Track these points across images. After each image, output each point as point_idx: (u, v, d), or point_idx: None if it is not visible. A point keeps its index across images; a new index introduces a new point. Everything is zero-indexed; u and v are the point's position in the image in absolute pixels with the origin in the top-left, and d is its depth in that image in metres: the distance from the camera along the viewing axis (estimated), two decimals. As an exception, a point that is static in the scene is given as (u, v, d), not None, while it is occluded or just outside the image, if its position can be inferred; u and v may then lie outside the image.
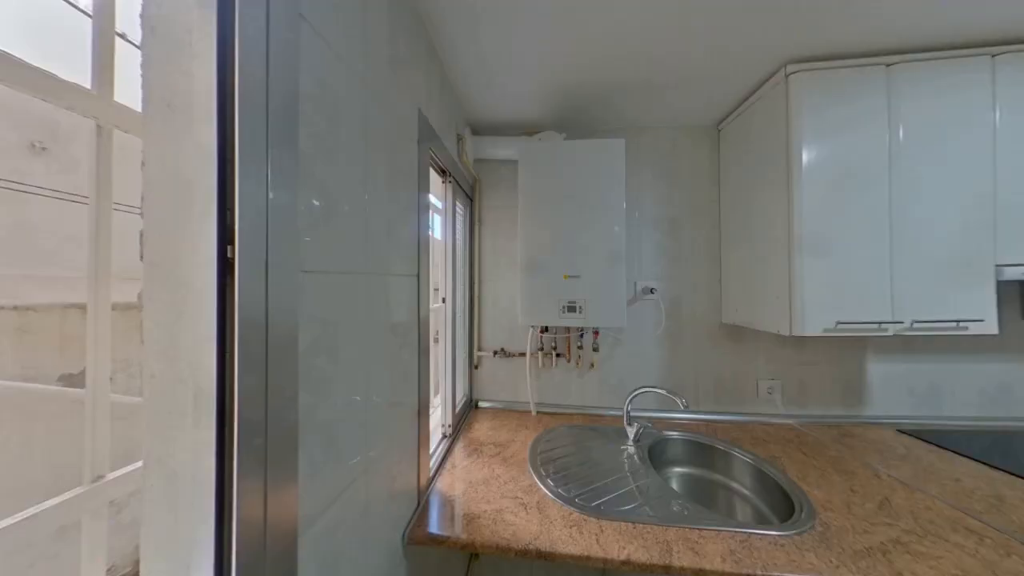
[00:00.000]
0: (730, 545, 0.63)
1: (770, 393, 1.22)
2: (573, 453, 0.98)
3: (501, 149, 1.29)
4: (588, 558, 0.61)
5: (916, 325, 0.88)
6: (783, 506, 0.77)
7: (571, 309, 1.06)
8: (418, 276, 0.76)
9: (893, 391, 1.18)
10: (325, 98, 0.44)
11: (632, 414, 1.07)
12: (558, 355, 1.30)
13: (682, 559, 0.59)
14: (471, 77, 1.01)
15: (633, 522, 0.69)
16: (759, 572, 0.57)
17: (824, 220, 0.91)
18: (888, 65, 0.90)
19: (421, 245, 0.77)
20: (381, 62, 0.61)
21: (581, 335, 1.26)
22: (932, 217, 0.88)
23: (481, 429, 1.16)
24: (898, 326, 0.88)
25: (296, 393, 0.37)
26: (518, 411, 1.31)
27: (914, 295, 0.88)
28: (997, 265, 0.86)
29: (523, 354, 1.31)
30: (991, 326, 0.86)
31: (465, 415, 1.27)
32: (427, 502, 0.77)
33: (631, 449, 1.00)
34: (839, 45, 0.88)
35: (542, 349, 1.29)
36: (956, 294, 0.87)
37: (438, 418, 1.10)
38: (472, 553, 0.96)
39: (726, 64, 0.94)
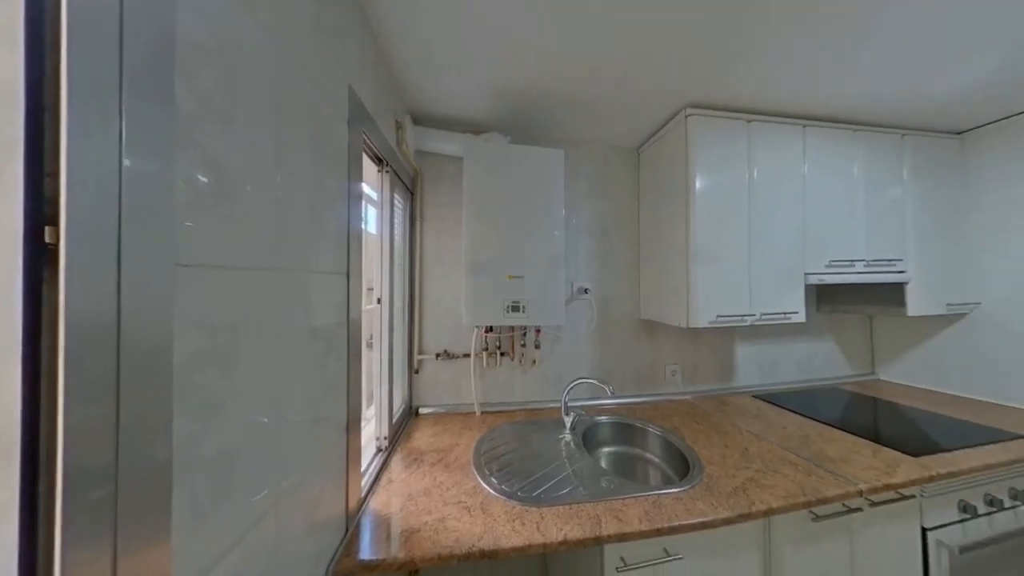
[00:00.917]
0: (645, 507, 0.73)
1: (673, 375, 1.47)
2: (516, 448, 1.01)
3: (446, 144, 1.25)
4: (529, 547, 0.63)
5: (763, 317, 1.18)
6: (682, 467, 0.95)
7: (515, 309, 1.09)
8: (348, 274, 0.68)
9: (750, 366, 1.57)
10: (219, 50, 0.36)
11: (569, 404, 1.16)
12: (502, 354, 1.33)
13: (609, 528, 0.67)
14: (411, 61, 0.95)
15: (569, 504, 0.74)
16: (665, 524, 0.68)
17: (710, 236, 1.15)
18: (748, 121, 1.19)
19: (352, 239, 0.69)
20: (301, 22, 0.52)
21: (524, 334, 1.31)
22: (772, 239, 1.20)
23: (422, 437, 1.10)
24: (752, 318, 1.17)
25: (169, 421, 0.29)
26: (463, 413, 1.29)
27: (761, 295, 1.18)
28: (805, 273, 1.23)
29: (468, 355, 1.29)
30: (802, 317, 1.22)
31: (404, 424, 1.18)
32: (358, 526, 0.69)
33: (568, 437, 1.09)
34: (719, 100, 1.13)
35: (487, 349, 1.29)
36: (784, 295, 1.21)
37: (372, 431, 1.00)
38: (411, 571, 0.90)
39: (642, 99, 1.12)
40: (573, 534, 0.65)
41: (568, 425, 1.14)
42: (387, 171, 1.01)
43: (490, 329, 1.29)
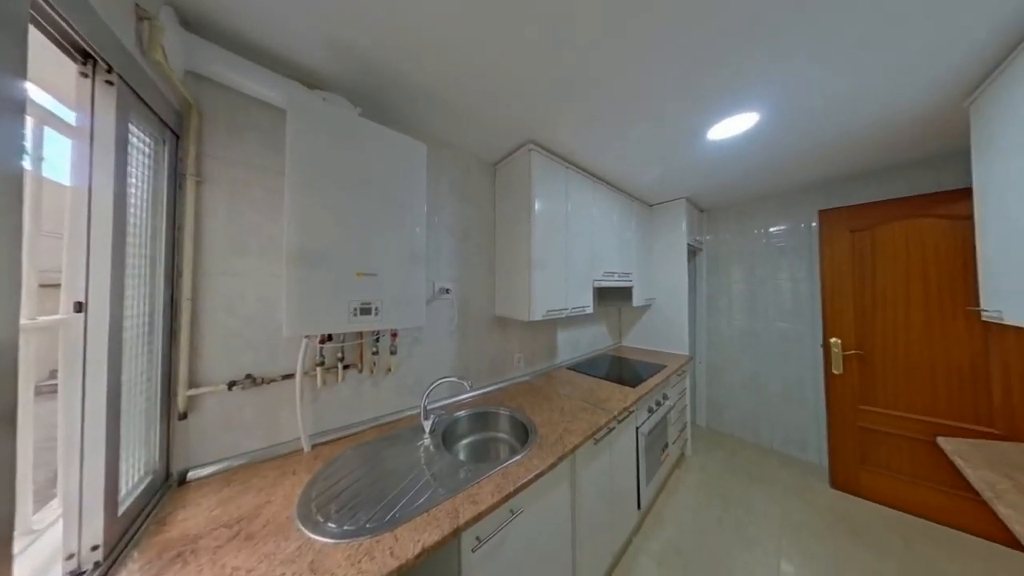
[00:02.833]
0: (497, 481, 0.84)
1: (518, 361, 1.77)
2: (364, 475, 0.86)
3: (255, 82, 0.88)
4: (381, 579, 0.56)
5: (573, 310, 1.66)
6: (524, 435, 1.15)
7: (365, 311, 0.93)
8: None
9: (565, 346, 2.15)
10: None
11: (429, 408, 1.13)
12: (346, 367, 1.10)
13: (465, 514, 0.71)
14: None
15: (428, 510, 0.72)
16: (511, 488, 0.81)
17: (544, 249, 1.47)
18: (566, 167, 1.63)
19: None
20: None
21: (377, 339, 1.15)
22: (578, 254, 1.70)
23: (197, 514, 0.72)
24: (567, 311, 1.62)
25: None
26: (279, 457, 0.95)
27: (572, 294, 1.65)
28: (593, 280, 1.83)
29: (290, 376, 0.97)
30: (591, 309, 1.81)
31: (153, 506, 0.72)
32: None
33: (427, 441, 1.06)
34: (551, 146, 1.48)
35: (322, 364, 1.03)
36: (582, 294, 1.75)
37: (49, 550, 0.54)
38: None
39: (492, 127, 1.28)
40: (431, 539, 0.64)
41: (428, 429, 1.10)
42: (110, 80, 0.59)
43: (329, 338, 1.04)
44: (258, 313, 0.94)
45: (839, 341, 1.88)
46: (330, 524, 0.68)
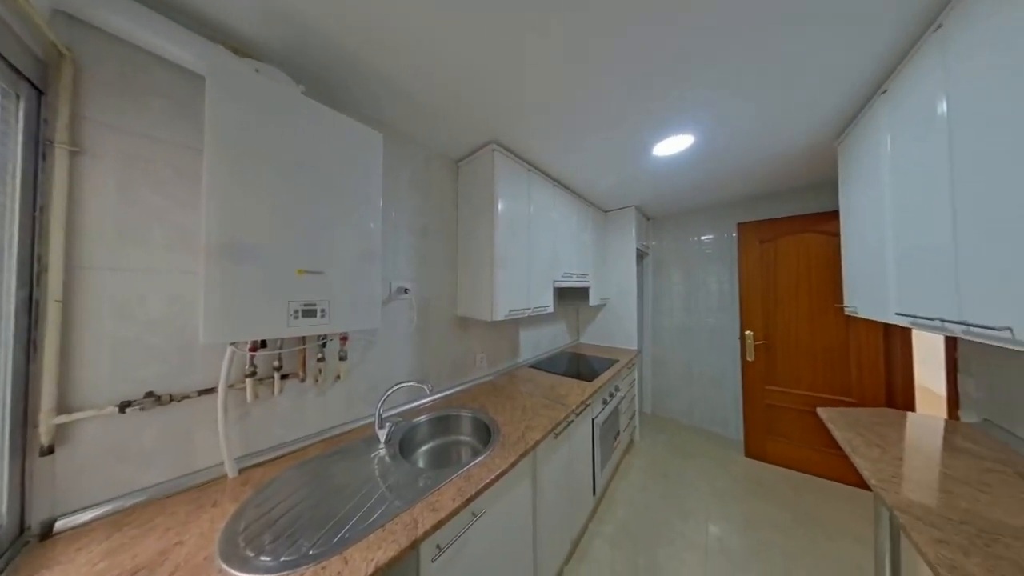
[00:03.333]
0: (459, 485, 0.82)
1: (481, 361, 1.76)
2: (306, 497, 0.77)
3: (159, 37, 0.73)
4: (327, 610, 0.51)
5: (535, 309, 1.70)
6: (487, 436, 1.15)
7: (309, 313, 0.84)
8: None
9: (527, 345, 2.20)
10: None
11: (384, 416, 1.06)
12: (285, 376, 0.97)
13: (425, 524, 0.68)
14: None
15: (383, 525, 0.68)
16: (473, 491, 0.80)
17: (507, 249, 1.48)
18: (528, 170, 1.66)
19: None
20: None
21: (323, 344, 1.04)
22: (540, 255, 1.75)
23: (70, 573, 0.57)
24: (529, 311, 1.65)
25: None
26: (196, 487, 0.80)
27: (534, 294, 1.69)
28: (553, 280, 1.90)
29: (210, 390, 0.82)
30: (552, 309, 1.88)
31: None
32: None
33: (382, 452, 0.99)
34: (515, 148, 1.49)
35: (254, 374, 0.89)
36: (544, 294, 1.80)
37: None
38: None
39: (456, 124, 1.25)
40: (385, 556, 0.60)
41: (383, 439, 1.03)
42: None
43: (262, 344, 0.91)
44: (166, 317, 0.78)
45: (752, 333, 2.25)
46: (263, 558, 0.59)
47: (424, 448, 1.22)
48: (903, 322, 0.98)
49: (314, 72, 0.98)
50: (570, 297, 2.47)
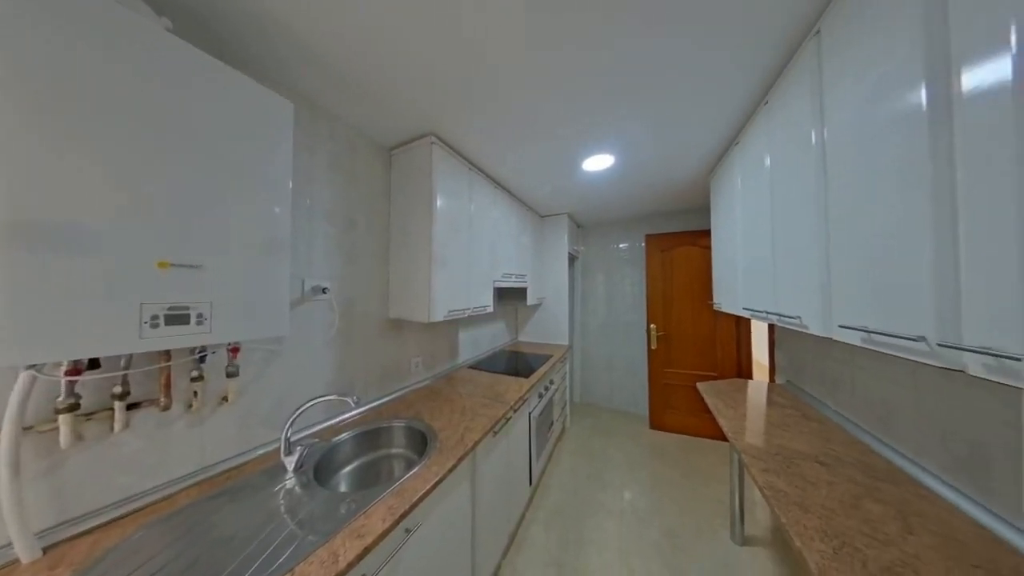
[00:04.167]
0: (389, 503, 0.75)
1: (417, 366, 1.65)
2: (174, 558, 0.59)
3: None
4: None
5: (474, 310, 1.69)
6: (423, 445, 1.08)
7: (177, 319, 0.64)
8: None
9: (467, 346, 2.16)
10: None
11: (294, 439, 0.89)
12: (133, 406, 0.72)
13: (348, 555, 0.60)
14: None
15: (292, 568, 0.57)
16: (406, 506, 0.74)
17: (446, 247, 1.43)
18: (469, 169, 1.64)
19: None
20: None
21: (201, 359, 0.81)
22: (480, 255, 1.75)
23: None
24: (469, 311, 1.63)
25: None
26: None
27: (474, 294, 1.68)
28: (493, 280, 1.92)
29: (-17, 438, 0.55)
30: (491, 308, 1.90)
31: None
32: None
33: (290, 482, 0.83)
34: (455, 145, 1.45)
35: (74, 407, 0.63)
36: (483, 294, 1.80)
37: None
38: None
39: (388, 108, 1.15)
40: (296, 604, 0.51)
41: (292, 466, 0.87)
42: None
43: (91, 365, 0.65)
44: None
45: (655, 326, 2.72)
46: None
47: (348, 469, 1.08)
48: (746, 314, 1.34)
49: (203, 17, 0.76)
50: (509, 297, 2.54)
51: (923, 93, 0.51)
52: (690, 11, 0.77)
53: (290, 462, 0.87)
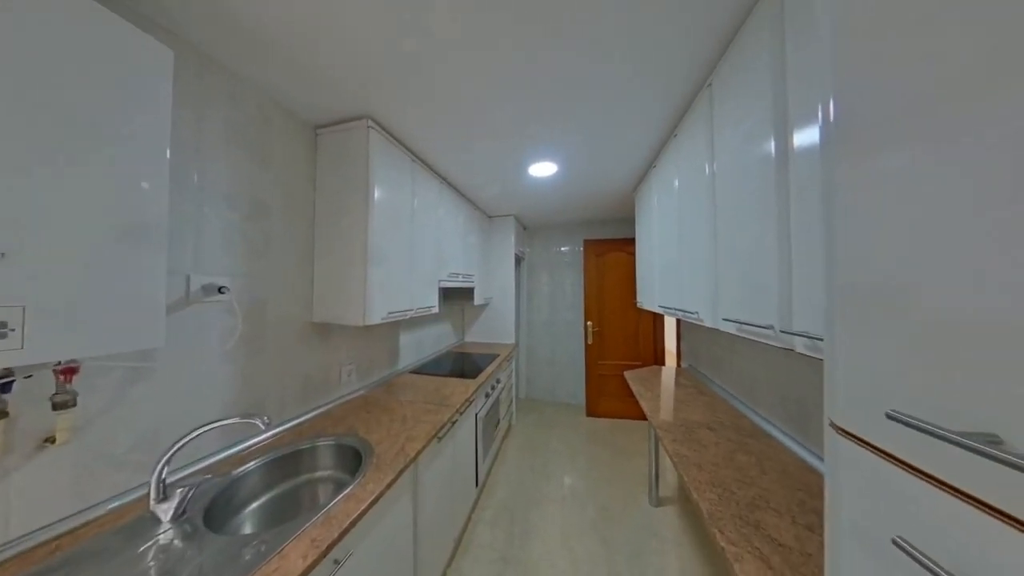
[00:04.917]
0: (312, 535, 0.65)
1: (349, 375, 1.47)
2: None
3: None
4: None
5: (418, 311, 1.59)
6: (356, 463, 0.97)
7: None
8: None
9: (408, 349, 2.03)
10: None
11: (172, 480, 0.70)
12: None
13: (257, 607, 0.50)
14: None
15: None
16: (335, 534, 0.66)
17: (384, 243, 1.31)
18: (413, 160, 1.54)
19: None
20: None
21: (6, 385, 0.57)
22: (423, 253, 1.66)
23: None
24: (411, 312, 1.53)
25: None
26: None
27: (418, 294, 1.59)
28: (438, 280, 1.85)
29: None
30: (436, 309, 1.82)
31: None
32: None
33: (166, 536, 0.65)
34: (396, 132, 1.35)
35: None
36: (428, 294, 1.72)
37: None
38: None
39: (314, 78, 1.00)
40: None
41: (169, 515, 0.68)
42: None
43: None
44: None
45: (591, 323, 3.02)
46: None
47: (255, 505, 0.90)
48: (661, 311, 1.59)
49: None
50: (456, 297, 2.48)
51: (772, 145, 0.68)
52: (621, 46, 0.88)
53: (165, 510, 0.68)
